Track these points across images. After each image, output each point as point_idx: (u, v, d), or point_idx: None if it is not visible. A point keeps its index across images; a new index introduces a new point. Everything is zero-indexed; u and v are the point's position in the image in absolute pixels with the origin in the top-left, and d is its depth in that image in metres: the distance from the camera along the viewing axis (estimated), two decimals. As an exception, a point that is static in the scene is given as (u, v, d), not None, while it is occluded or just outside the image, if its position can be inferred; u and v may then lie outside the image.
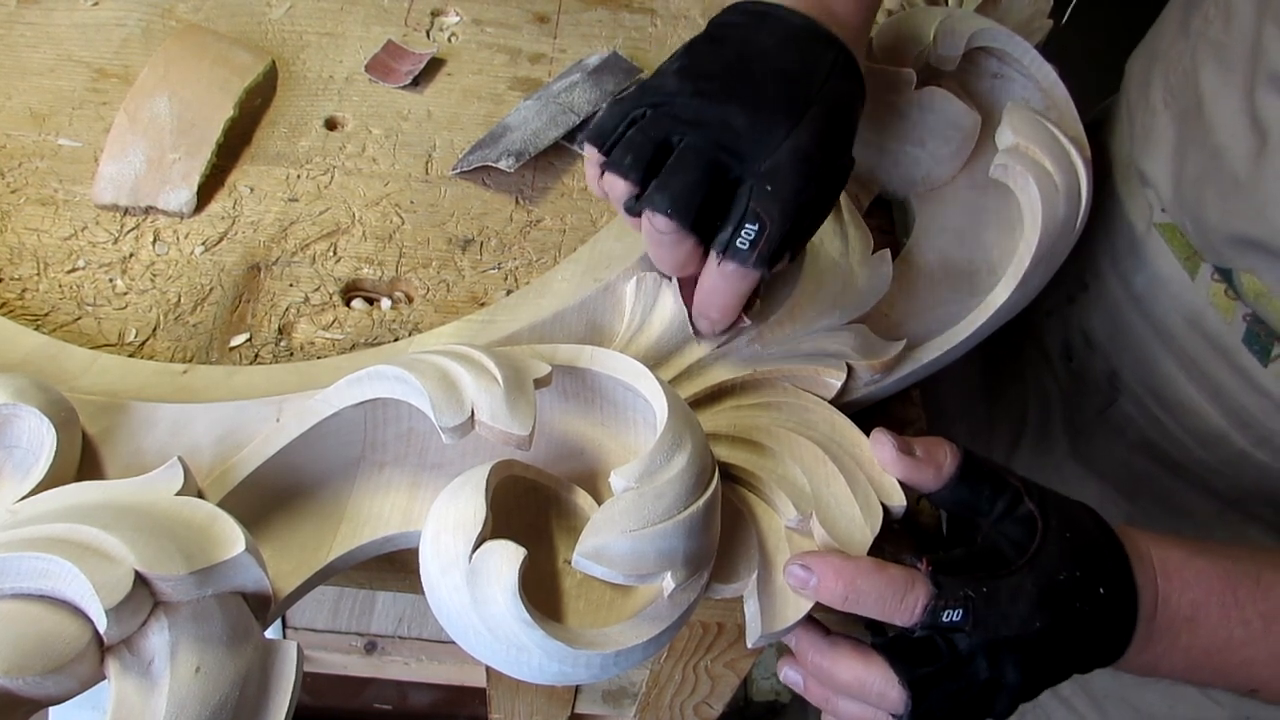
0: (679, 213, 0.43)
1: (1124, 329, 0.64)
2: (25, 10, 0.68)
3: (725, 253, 0.44)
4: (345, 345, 0.53)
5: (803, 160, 0.44)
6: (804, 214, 0.44)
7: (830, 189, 0.47)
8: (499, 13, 0.74)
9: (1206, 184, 0.55)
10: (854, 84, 0.49)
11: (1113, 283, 0.65)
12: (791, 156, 0.44)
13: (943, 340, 0.54)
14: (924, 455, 0.46)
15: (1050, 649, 0.41)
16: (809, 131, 0.44)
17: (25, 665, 0.31)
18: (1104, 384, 0.67)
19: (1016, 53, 0.59)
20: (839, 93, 0.47)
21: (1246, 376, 0.57)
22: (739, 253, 0.44)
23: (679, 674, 0.73)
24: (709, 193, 0.44)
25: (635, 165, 0.44)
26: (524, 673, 0.39)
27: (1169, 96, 0.60)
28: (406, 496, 0.44)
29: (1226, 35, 0.54)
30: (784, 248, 0.44)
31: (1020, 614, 0.41)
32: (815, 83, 0.46)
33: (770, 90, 0.45)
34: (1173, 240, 0.60)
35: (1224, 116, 0.54)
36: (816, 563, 0.42)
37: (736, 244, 0.44)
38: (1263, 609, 0.43)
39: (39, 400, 0.40)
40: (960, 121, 0.58)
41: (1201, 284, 0.58)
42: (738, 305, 0.47)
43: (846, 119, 0.48)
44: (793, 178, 0.43)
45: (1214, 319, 0.58)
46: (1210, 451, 0.61)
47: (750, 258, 0.44)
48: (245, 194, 0.59)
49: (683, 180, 0.43)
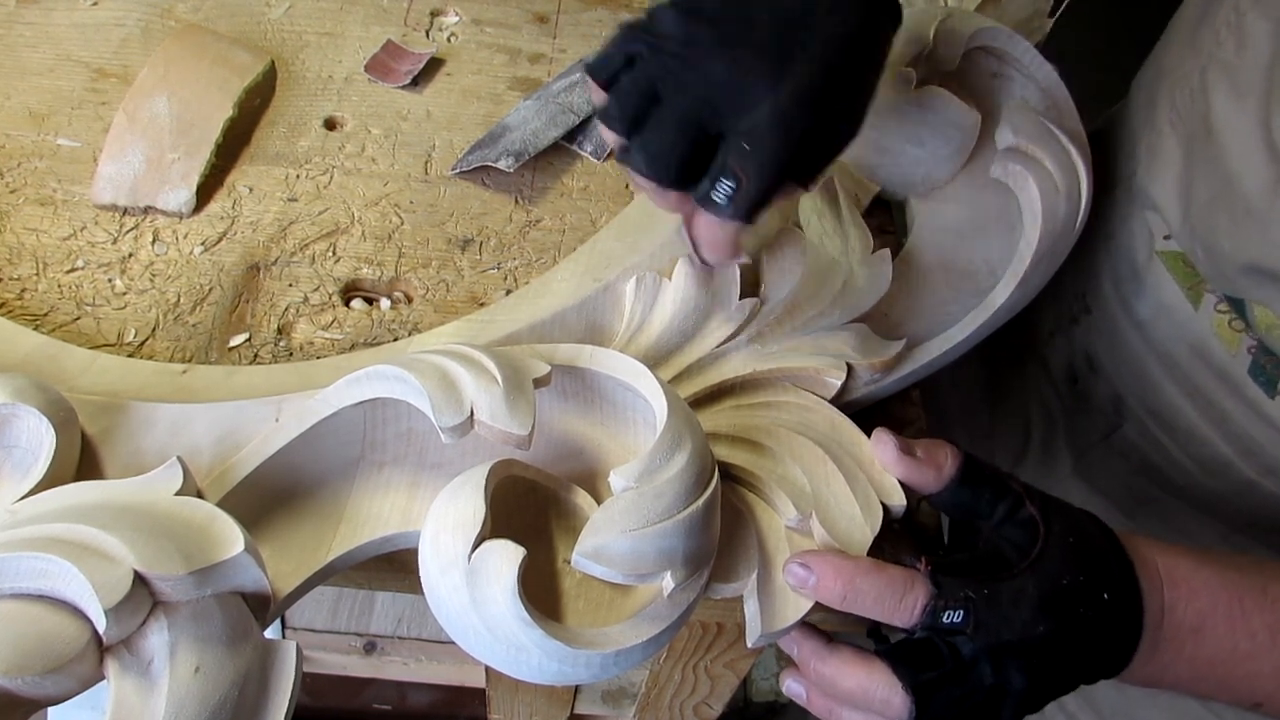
0: (656, 171, 0.43)
1: (1127, 354, 0.64)
2: (24, 10, 0.68)
3: (703, 204, 0.44)
4: (344, 345, 0.53)
5: (782, 119, 0.42)
6: (786, 171, 0.43)
7: (821, 144, 0.45)
8: (498, 13, 0.74)
9: (1218, 211, 0.54)
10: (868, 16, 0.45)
11: (1115, 307, 0.64)
12: (770, 116, 0.42)
13: (943, 340, 0.54)
14: (925, 456, 0.45)
15: (1055, 654, 0.41)
16: (793, 88, 0.42)
17: (25, 665, 0.31)
18: (1108, 408, 0.67)
19: (1016, 52, 0.59)
20: (840, 35, 0.43)
21: (1253, 407, 0.56)
22: (715, 206, 0.43)
23: (678, 674, 0.73)
24: (689, 149, 0.43)
25: (622, 118, 0.44)
26: (523, 673, 0.39)
27: (1175, 117, 0.59)
28: (406, 496, 0.44)
29: (1239, 58, 0.53)
30: (764, 199, 0.43)
31: (1022, 618, 0.40)
32: (811, 25, 0.43)
33: (758, 37, 0.43)
34: (1175, 268, 0.59)
35: (1237, 143, 0.52)
36: (815, 562, 0.42)
37: (713, 197, 0.43)
38: (1269, 621, 0.42)
39: (38, 400, 0.40)
40: (960, 121, 0.58)
41: (1205, 314, 0.57)
42: (727, 246, 0.46)
43: (849, 65, 0.44)
44: (770, 138, 0.42)
45: (1218, 350, 0.57)
46: (1216, 479, 0.60)
47: (726, 211, 0.43)
48: (244, 194, 0.59)
49: (659, 139, 0.43)
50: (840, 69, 0.44)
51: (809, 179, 0.46)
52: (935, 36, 0.57)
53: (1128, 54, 0.68)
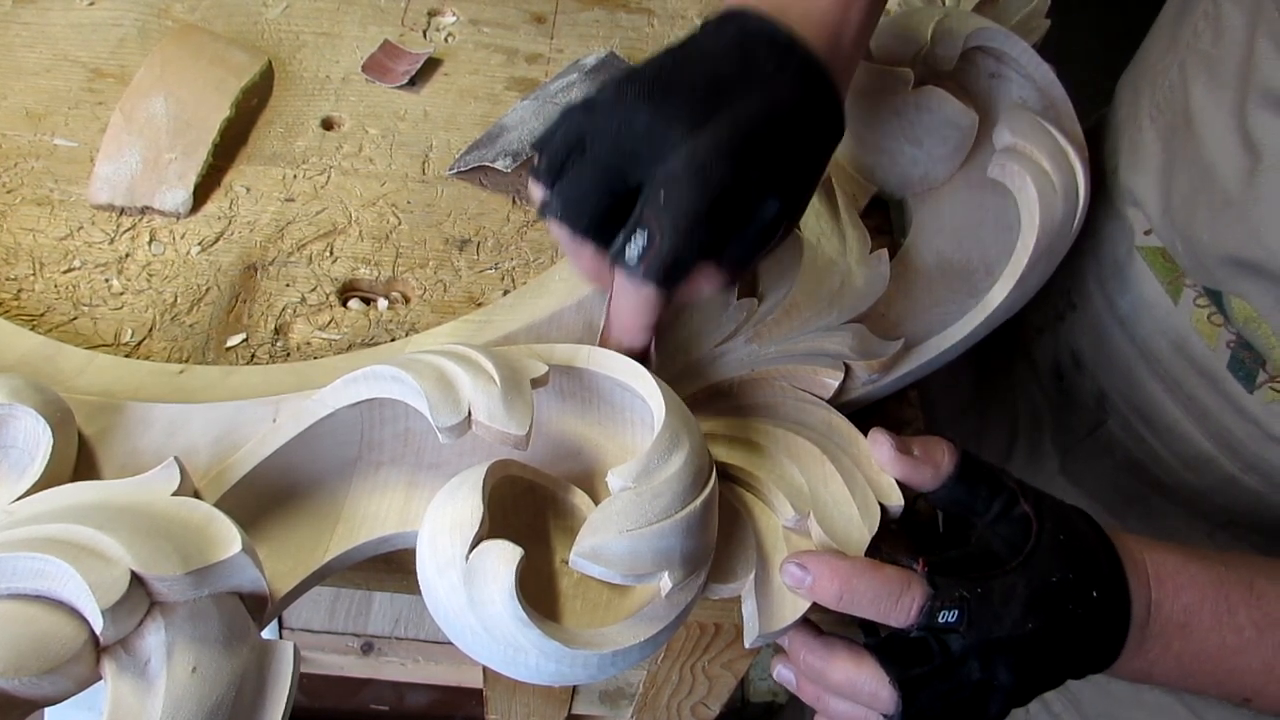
0: (569, 219, 0.42)
1: (1111, 351, 0.64)
2: (21, 10, 0.68)
3: (615, 261, 0.41)
4: (342, 345, 0.53)
5: (697, 169, 0.39)
6: (700, 228, 0.40)
7: (742, 212, 0.41)
8: (496, 13, 0.74)
9: (1197, 203, 0.55)
10: (804, 94, 0.43)
11: (1099, 303, 0.65)
12: (687, 164, 0.40)
13: (940, 340, 0.54)
14: (922, 454, 0.46)
15: (1042, 651, 0.41)
16: (710, 138, 0.40)
17: (21, 666, 0.31)
18: (1093, 405, 0.67)
19: (1014, 52, 0.59)
20: (774, 101, 0.42)
21: (1232, 402, 0.56)
22: (626, 265, 0.41)
23: (676, 675, 0.73)
24: (606, 199, 0.41)
25: (546, 170, 0.43)
26: (521, 673, 0.39)
27: (1155, 111, 0.59)
28: (403, 497, 0.44)
29: (1216, 49, 0.53)
30: (680, 263, 0.40)
31: (1013, 615, 0.40)
32: (743, 88, 0.41)
33: (684, 93, 0.41)
34: (1155, 264, 0.59)
35: (1214, 133, 0.53)
36: (812, 562, 0.42)
37: (626, 254, 0.41)
38: (1255, 616, 0.43)
39: (35, 400, 0.40)
40: (958, 121, 0.58)
41: (1185, 309, 0.58)
42: (638, 325, 0.43)
43: (778, 131, 0.42)
44: (685, 187, 0.39)
45: (1198, 344, 0.57)
46: (1198, 475, 0.61)
47: (639, 270, 0.40)
48: (241, 194, 0.59)
49: (576, 185, 0.42)
50: (766, 132, 0.41)
51: (734, 263, 0.42)
52: (933, 36, 0.57)
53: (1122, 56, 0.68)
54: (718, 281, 0.43)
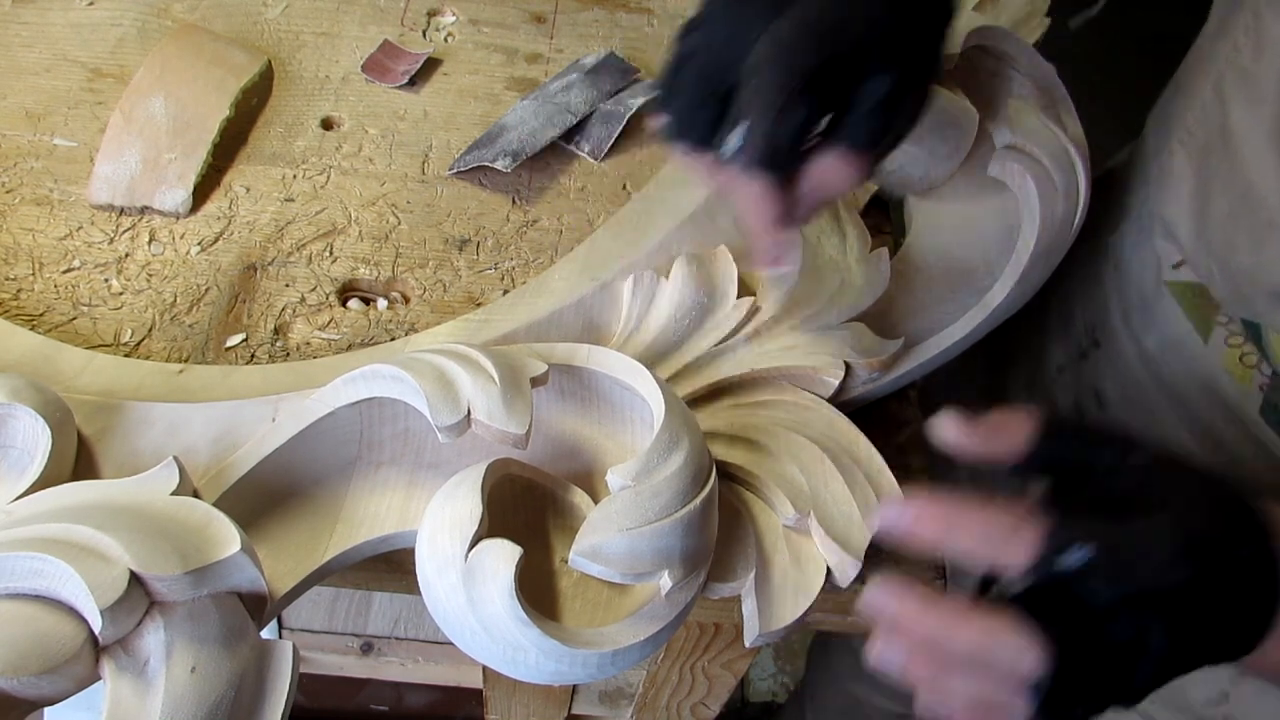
0: (679, 132, 0.43)
1: (1135, 391, 0.61)
2: (20, 9, 0.68)
3: (723, 159, 0.41)
4: (341, 345, 0.53)
5: (779, 50, 0.39)
6: (792, 107, 0.39)
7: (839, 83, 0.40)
8: (496, 13, 0.74)
9: (1237, 227, 0.51)
10: None
11: (1124, 341, 0.62)
12: (768, 47, 0.40)
13: (941, 339, 0.54)
14: (996, 424, 0.39)
15: (1198, 610, 0.34)
16: (789, 21, 0.40)
17: (20, 665, 0.31)
18: None
19: (1014, 51, 0.59)
20: None
21: (1264, 449, 0.53)
22: (729, 156, 0.41)
23: (676, 674, 0.73)
24: (712, 108, 0.42)
25: (661, 97, 0.44)
26: (520, 672, 0.39)
27: (1185, 135, 0.56)
28: (403, 496, 0.44)
29: (1256, 64, 0.51)
30: (778, 146, 0.40)
31: (1161, 559, 0.33)
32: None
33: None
34: (1184, 299, 0.56)
35: (1254, 151, 0.50)
36: (910, 498, 0.36)
37: (727, 147, 0.41)
38: None
39: (34, 400, 0.40)
40: (958, 120, 0.58)
41: (1215, 348, 0.54)
42: (763, 222, 0.42)
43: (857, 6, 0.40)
44: (767, 69, 0.39)
45: (1229, 386, 0.54)
46: None
47: (740, 159, 0.40)
48: (241, 194, 0.59)
49: (680, 101, 0.43)
50: (850, 8, 0.40)
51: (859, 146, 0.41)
52: (932, 35, 0.57)
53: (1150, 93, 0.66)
54: (845, 168, 0.41)
